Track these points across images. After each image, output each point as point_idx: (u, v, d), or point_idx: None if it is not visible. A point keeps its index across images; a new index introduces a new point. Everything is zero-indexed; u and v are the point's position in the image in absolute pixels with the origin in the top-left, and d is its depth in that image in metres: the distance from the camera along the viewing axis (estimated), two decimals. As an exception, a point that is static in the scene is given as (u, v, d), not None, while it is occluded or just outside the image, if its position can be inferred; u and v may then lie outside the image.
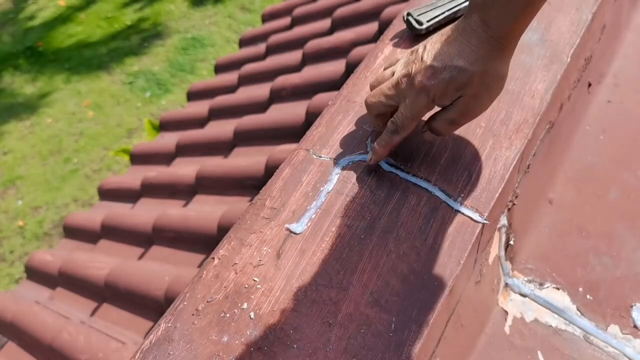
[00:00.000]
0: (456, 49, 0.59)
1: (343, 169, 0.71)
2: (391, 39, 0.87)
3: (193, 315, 0.62)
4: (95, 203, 3.93)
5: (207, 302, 0.62)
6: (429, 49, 0.61)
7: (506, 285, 0.86)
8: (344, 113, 0.78)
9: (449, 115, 0.63)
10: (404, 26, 0.88)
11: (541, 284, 0.87)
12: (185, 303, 0.63)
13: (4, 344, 1.62)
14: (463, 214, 0.66)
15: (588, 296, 0.86)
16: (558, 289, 0.87)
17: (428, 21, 0.83)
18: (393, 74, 0.66)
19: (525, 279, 0.87)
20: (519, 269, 0.88)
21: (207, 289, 0.63)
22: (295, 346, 0.58)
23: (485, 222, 0.65)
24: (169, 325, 0.62)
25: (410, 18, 0.84)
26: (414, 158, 0.71)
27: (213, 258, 0.66)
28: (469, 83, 0.59)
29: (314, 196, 0.69)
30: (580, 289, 0.87)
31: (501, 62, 0.60)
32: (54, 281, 1.72)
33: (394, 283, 0.61)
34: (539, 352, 0.81)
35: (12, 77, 5.38)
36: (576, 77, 0.90)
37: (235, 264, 0.65)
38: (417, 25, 0.83)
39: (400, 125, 0.64)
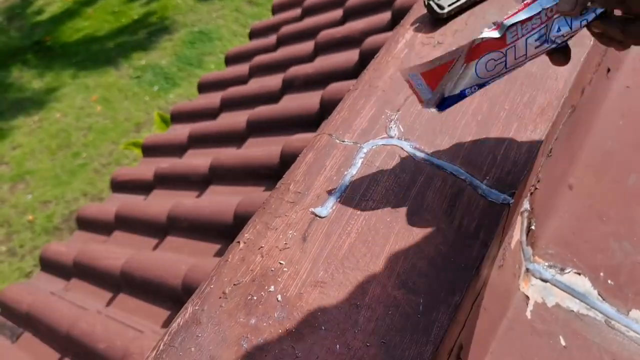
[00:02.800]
0: None
1: (367, 153, 0.71)
2: (412, 24, 0.87)
3: (220, 298, 0.62)
4: (104, 197, 3.95)
5: (234, 285, 0.63)
6: None
7: (527, 270, 0.86)
8: (366, 97, 0.78)
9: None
10: (425, 11, 0.87)
11: (562, 269, 0.87)
12: (212, 286, 0.63)
13: (20, 334, 1.64)
14: (488, 196, 0.66)
15: (609, 281, 0.86)
16: (579, 274, 0.86)
17: (449, 5, 0.83)
18: None
19: (546, 264, 0.87)
20: (540, 254, 0.88)
21: (234, 272, 0.64)
22: (323, 328, 0.58)
23: (510, 204, 0.65)
24: (197, 308, 0.62)
25: (431, 2, 0.83)
26: (439, 141, 0.71)
27: (239, 242, 0.66)
28: None
29: (338, 180, 0.69)
30: (601, 274, 0.86)
31: None
32: (69, 272, 1.73)
33: (421, 265, 0.61)
34: (560, 337, 0.81)
35: (20, 72, 5.40)
36: (597, 60, 0.89)
37: (261, 247, 0.65)
38: (438, 10, 0.83)
39: None
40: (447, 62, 0.60)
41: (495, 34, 0.58)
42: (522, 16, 0.57)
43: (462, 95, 0.62)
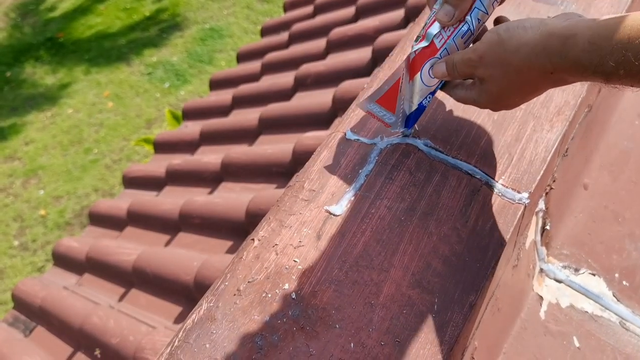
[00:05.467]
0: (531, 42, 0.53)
1: (381, 151, 0.71)
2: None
3: (235, 295, 0.62)
4: (115, 193, 3.98)
5: (249, 282, 0.63)
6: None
7: (541, 270, 0.86)
8: (380, 96, 0.78)
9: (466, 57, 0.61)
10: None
11: (576, 270, 0.86)
12: (226, 283, 0.63)
13: (33, 328, 1.65)
14: (504, 196, 0.66)
15: (624, 282, 0.85)
16: (594, 274, 0.86)
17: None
18: None
19: (561, 264, 0.87)
20: (554, 255, 0.87)
21: (248, 269, 0.64)
22: (337, 326, 0.58)
23: (526, 204, 0.65)
24: (211, 304, 0.62)
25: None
26: (454, 140, 0.71)
27: (253, 239, 0.66)
28: (505, 68, 0.56)
29: (352, 178, 0.69)
30: (616, 275, 0.86)
31: (534, 90, 0.57)
32: (82, 267, 1.75)
33: (436, 264, 0.61)
34: (574, 338, 0.81)
35: (33, 68, 5.43)
36: (614, 60, 0.89)
37: (276, 245, 0.65)
38: (453, 8, 0.82)
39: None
40: (395, 84, 0.67)
41: (424, 44, 0.62)
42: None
43: (421, 108, 0.67)
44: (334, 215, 0.66)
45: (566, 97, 0.73)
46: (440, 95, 0.76)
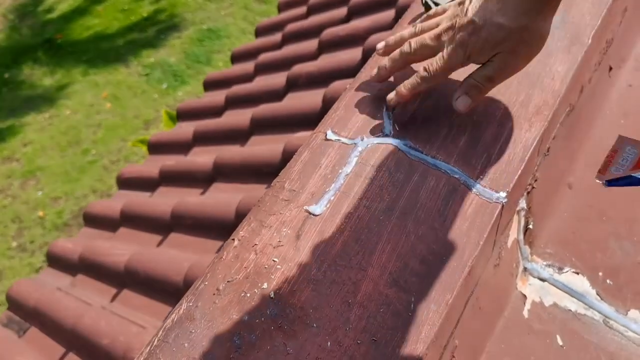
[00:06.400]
0: (498, 4, 0.59)
1: (362, 151, 0.71)
2: (409, 23, 0.87)
3: (214, 294, 0.63)
4: (113, 194, 3.98)
5: (228, 282, 0.63)
6: (474, 2, 0.61)
7: (525, 269, 0.86)
8: (362, 96, 0.78)
9: (486, 71, 0.64)
10: (422, 9, 0.87)
11: (560, 269, 0.87)
12: (206, 283, 0.64)
13: (27, 329, 1.66)
14: (482, 195, 0.66)
15: (608, 281, 0.86)
16: (577, 273, 0.86)
17: (446, 4, 0.82)
18: (437, 25, 0.67)
19: (544, 263, 0.87)
20: (538, 253, 0.87)
21: (228, 269, 0.64)
22: (315, 325, 0.58)
23: (504, 203, 0.65)
24: (191, 304, 0.63)
25: (428, 1, 0.83)
26: (433, 140, 0.71)
27: (233, 239, 0.67)
28: (507, 39, 0.60)
29: (332, 178, 0.69)
30: (600, 274, 0.86)
31: (543, 19, 0.59)
32: (75, 268, 1.75)
33: (413, 264, 0.61)
34: (557, 336, 0.81)
35: (31, 69, 5.44)
36: (597, 59, 0.89)
37: (255, 244, 0.65)
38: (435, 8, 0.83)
39: (432, 74, 0.65)
40: None
41: None
42: None
43: None
44: (313, 215, 0.67)
45: (545, 96, 0.74)
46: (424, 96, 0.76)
